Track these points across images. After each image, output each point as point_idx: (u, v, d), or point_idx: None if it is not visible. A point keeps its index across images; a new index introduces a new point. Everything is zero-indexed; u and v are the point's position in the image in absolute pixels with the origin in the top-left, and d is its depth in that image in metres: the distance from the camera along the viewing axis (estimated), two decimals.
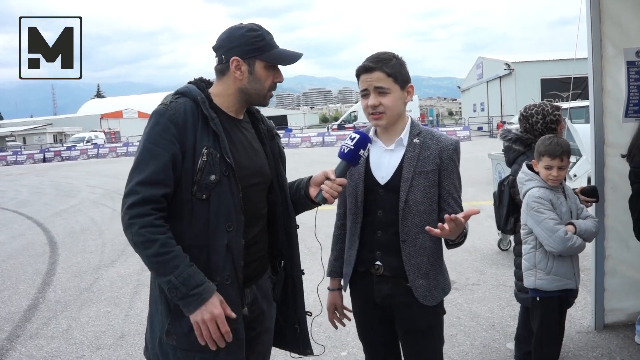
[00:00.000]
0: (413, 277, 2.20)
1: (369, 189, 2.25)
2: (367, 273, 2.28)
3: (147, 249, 1.79)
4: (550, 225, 2.92)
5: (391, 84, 2.14)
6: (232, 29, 2.01)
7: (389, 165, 2.23)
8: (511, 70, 38.17)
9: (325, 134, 35.31)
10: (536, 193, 2.99)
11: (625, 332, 3.97)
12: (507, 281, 5.17)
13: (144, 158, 1.86)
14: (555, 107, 3.40)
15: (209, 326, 1.81)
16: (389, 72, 2.14)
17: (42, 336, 4.67)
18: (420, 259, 2.21)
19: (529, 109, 3.43)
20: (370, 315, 2.37)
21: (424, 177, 2.18)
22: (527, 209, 3.02)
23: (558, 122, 3.36)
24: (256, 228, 2.07)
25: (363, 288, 2.32)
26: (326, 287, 2.49)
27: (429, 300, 2.23)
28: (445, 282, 2.32)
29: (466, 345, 4.01)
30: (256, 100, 2.06)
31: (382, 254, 2.24)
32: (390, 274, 2.24)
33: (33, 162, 35.65)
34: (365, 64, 2.18)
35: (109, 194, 14.54)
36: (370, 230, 2.26)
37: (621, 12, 3.81)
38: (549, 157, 2.97)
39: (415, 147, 2.20)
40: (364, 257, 2.28)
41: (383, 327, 2.36)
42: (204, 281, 1.82)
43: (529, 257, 3.07)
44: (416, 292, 2.21)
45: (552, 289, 3.01)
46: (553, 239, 2.91)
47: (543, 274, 3.01)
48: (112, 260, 7.23)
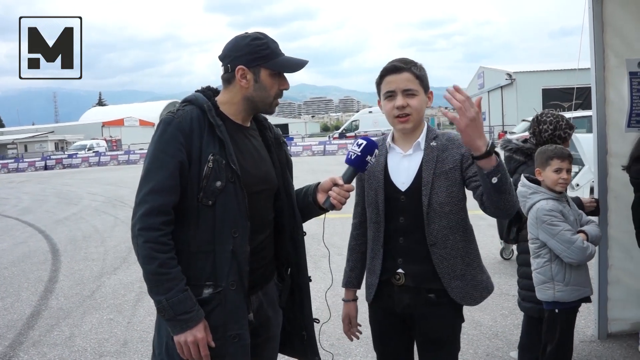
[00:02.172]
0: (448, 280, 2.18)
1: (389, 196, 2.24)
2: (387, 282, 2.27)
3: (147, 264, 1.84)
4: (567, 237, 2.90)
5: (418, 87, 2.15)
6: (238, 39, 2.03)
7: (409, 170, 2.22)
8: (512, 80, 38.27)
9: (326, 143, 35.35)
10: (546, 206, 2.96)
11: (629, 342, 3.96)
12: (510, 290, 5.17)
13: (152, 166, 1.89)
14: (569, 125, 3.38)
15: (190, 348, 1.86)
16: (417, 74, 2.15)
17: (45, 344, 4.67)
18: (454, 260, 2.19)
19: (545, 115, 3.44)
20: (387, 326, 2.36)
21: (445, 177, 2.16)
22: (538, 222, 2.98)
23: (565, 139, 3.36)
24: (262, 235, 2.09)
25: (383, 298, 2.31)
26: (341, 299, 2.49)
27: (468, 300, 2.21)
28: (487, 281, 2.29)
29: (469, 354, 4.00)
30: (262, 108, 2.08)
31: (403, 260, 2.23)
32: (413, 284, 2.21)
33: (34, 169, 35.72)
34: (394, 64, 2.17)
35: (110, 201, 14.56)
36: (392, 238, 2.25)
37: (624, 22, 3.84)
38: (558, 159, 2.97)
39: (433, 150, 2.19)
40: (387, 266, 2.27)
41: (400, 337, 2.35)
42: (193, 309, 1.86)
43: (544, 271, 3.03)
44: (452, 293, 2.18)
45: (572, 300, 3.01)
46: (572, 250, 2.89)
47: (562, 285, 2.98)
48: (115, 267, 7.23)
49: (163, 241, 1.85)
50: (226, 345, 1.93)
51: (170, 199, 1.87)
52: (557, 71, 35.70)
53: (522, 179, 3.16)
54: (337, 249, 2.42)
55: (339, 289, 2.50)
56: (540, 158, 3.06)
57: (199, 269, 1.92)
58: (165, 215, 1.86)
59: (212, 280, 1.91)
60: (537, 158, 3.10)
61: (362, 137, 2.15)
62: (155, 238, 1.83)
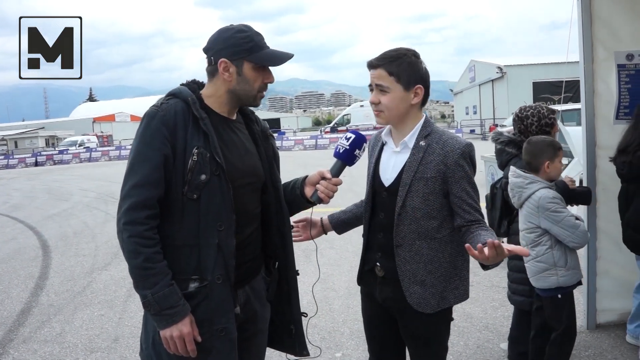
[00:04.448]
0: (407, 283, 2.18)
1: (375, 190, 2.26)
2: (371, 272, 2.31)
3: (132, 259, 1.83)
4: (572, 222, 2.98)
5: (392, 83, 2.11)
6: (221, 31, 2.02)
7: (394, 167, 2.22)
8: (503, 74, 38.39)
9: (318, 137, 35.32)
10: (549, 194, 3.02)
11: (617, 332, 4.00)
12: (500, 282, 5.20)
13: (137, 160, 1.88)
14: (550, 111, 3.38)
15: (176, 342, 1.86)
16: (391, 71, 2.10)
17: (36, 340, 4.65)
18: (416, 265, 2.17)
19: (524, 110, 3.41)
20: (375, 314, 2.38)
21: (423, 183, 2.12)
22: (541, 210, 3.00)
23: (552, 125, 3.36)
24: (249, 228, 2.08)
25: (369, 286, 2.35)
26: None
27: (424, 307, 2.17)
28: (450, 292, 2.20)
29: (460, 345, 4.02)
30: (246, 101, 2.07)
31: (381, 255, 2.25)
32: (391, 277, 2.23)
33: (25, 166, 35.41)
34: (371, 60, 2.17)
35: (101, 197, 14.49)
36: (375, 231, 2.28)
37: (612, 15, 3.85)
38: (560, 150, 3.10)
39: (420, 151, 2.15)
40: (369, 257, 2.31)
41: (387, 327, 2.36)
42: (178, 303, 1.85)
43: (546, 258, 3.06)
44: (409, 298, 2.18)
45: (573, 283, 3.09)
46: (577, 235, 2.98)
47: (564, 270, 3.05)
48: (106, 263, 7.20)
49: (148, 235, 1.84)
50: (212, 339, 1.93)
51: (155, 193, 1.86)
52: (548, 64, 35.85)
53: (513, 170, 3.17)
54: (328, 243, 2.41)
55: (327, 282, 2.51)
56: (549, 150, 3.08)
57: (184, 263, 1.91)
58: (150, 209, 1.85)
59: (198, 274, 1.91)
60: (544, 151, 3.08)
61: (351, 131, 2.15)
62: (140, 232, 1.82)
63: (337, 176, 2.08)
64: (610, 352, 3.74)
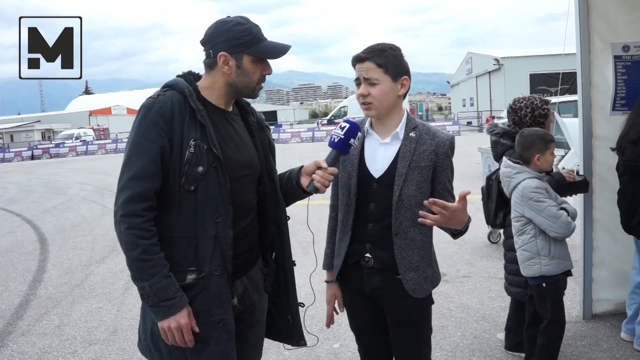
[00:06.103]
0: (404, 270, 2.22)
1: (362, 181, 2.25)
2: (356, 265, 2.30)
3: (129, 251, 1.84)
4: (553, 212, 3.00)
5: (381, 75, 2.15)
6: (219, 23, 2.01)
7: (384, 158, 2.23)
8: (500, 66, 38.32)
9: (315, 129, 35.26)
10: (533, 183, 3.05)
11: (612, 322, 4.04)
12: (497, 273, 5.22)
13: (134, 152, 1.88)
14: (544, 101, 3.40)
15: (174, 333, 1.87)
16: (379, 62, 2.14)
17: (34, 333, 4.66)
18: (411, 252, 2.23)
19: (517, 102, 3.43)
20: (360, 306, 2.39)
21: (418, 172, 2.19)
22: (524, 200, 3.06)
23: (546, 116, 3.38)
24: (246, 220, 2.08)
25: (353, 280, 2.34)
26: (324, 280, 2.50)
27: (419, 292, 2.24)
28: (434, 275, 2.33)
29: (457, 336, 4.05)
30: (246, 93, 2.08)
31: (372, 246, 2.26)
32: (380, 267, 2.25)
33: (21, 159, 35.32)
34: (358, 53, 2.20)
35: (98, 190, 14.47)
36: (362, 222, 2.27)
37: (609, 6, 3.85)
38: (552, 142, 3.11)
39: (411, 142, 2.21)
40: (355, 249, 2.29)
41: (374, 317, 2.38)
42: (176, 295, 1.86)
43: (530, 247, 3.11)
44: (406, 285, 2.22)
45: (557, 272, 3.10)
46: (558, 225, 2.99)
47: (547, 259, 3.08)
48: (103, 256, 7.21)
49: (146, 227, 1.84)
50: (210, 330, 1.94)
51: (152, 185, 1.86)
52: (544, 56, 35.77)
53: (505, 160, 3.20)
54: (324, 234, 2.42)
55: (325, 273, 2.52)
56: (539, 143, 3.09)
57: (182, 254, 1.92)
58: (147, 201, 1.85)
59: (196, 266, 1.92)
60: (534, 143, 3.10)
61: (345, 120, 2.15)
62: (138, 224, 1.83)
63: (332, 165, 2.09)
64: (606, 341, 3.77)
